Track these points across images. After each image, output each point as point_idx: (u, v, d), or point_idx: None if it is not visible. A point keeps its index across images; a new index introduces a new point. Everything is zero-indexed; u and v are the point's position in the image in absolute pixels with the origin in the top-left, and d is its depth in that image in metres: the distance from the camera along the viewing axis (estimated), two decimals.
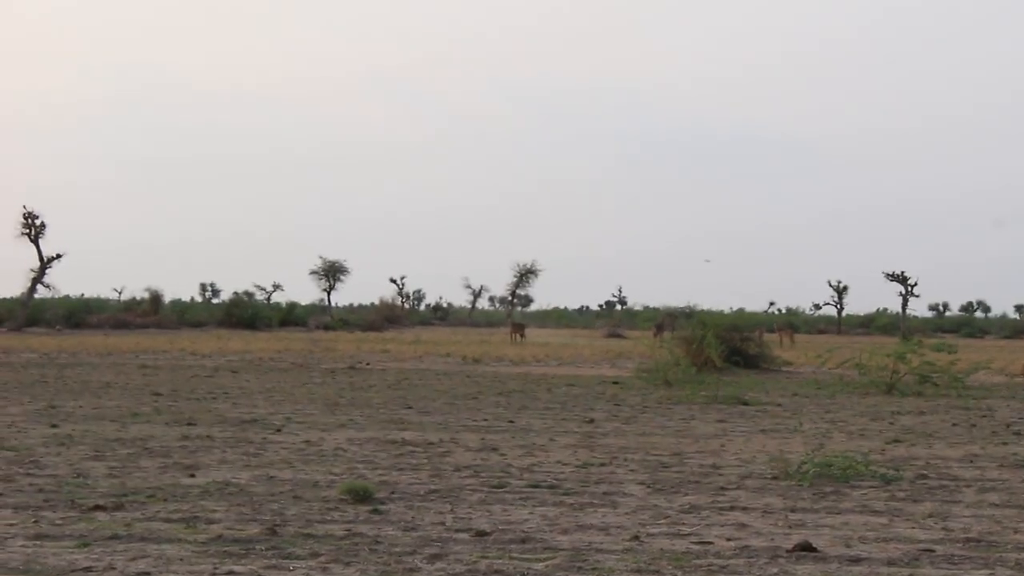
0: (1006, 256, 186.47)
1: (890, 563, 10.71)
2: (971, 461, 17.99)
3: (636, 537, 11.56)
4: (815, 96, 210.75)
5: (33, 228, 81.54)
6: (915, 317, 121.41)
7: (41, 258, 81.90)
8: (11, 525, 11.73)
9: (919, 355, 33.60)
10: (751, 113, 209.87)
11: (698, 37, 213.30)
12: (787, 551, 11.04)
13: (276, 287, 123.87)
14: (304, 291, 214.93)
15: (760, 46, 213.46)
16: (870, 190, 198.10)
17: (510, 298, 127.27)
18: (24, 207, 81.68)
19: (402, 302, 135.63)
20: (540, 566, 10.33)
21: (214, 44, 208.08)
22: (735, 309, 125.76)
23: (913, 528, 12.31)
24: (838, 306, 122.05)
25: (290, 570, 10.08)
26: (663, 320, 78.24)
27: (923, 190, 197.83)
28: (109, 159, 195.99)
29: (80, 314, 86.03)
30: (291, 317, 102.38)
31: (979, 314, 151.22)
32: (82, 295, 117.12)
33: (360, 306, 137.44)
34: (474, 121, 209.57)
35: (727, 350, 39.83)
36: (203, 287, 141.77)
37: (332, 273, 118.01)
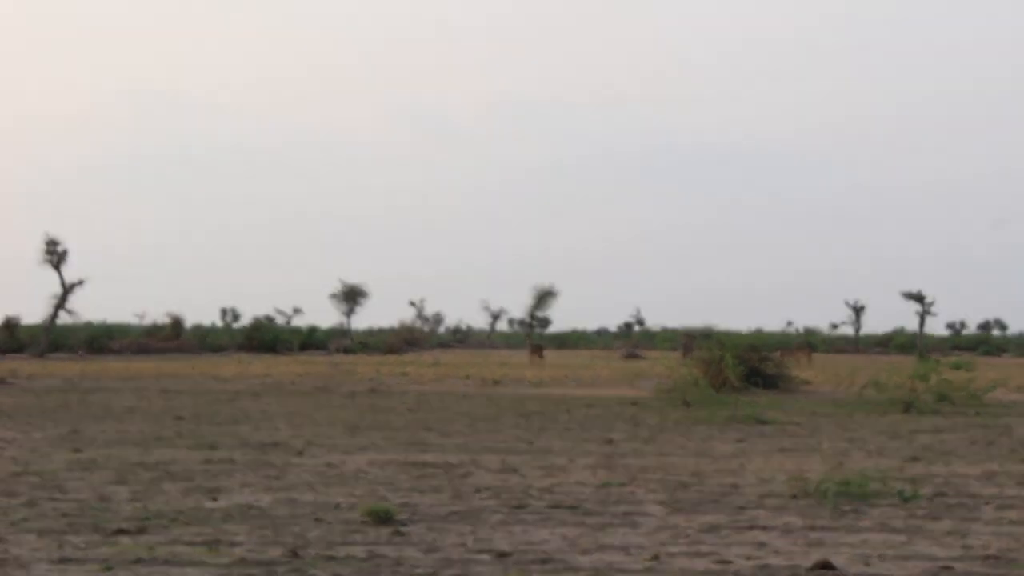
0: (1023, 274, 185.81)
1: None
2: (990, 478, 18.02)
3: (656, 557, 11.62)
4: (829, 117, 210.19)
5: (55, 255, 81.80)
6: (932, 336, 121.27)
7: (63, 284, 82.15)
8: (36, 549, 11.83)
9: (938, 374, 33.59)
10: (766, 135, 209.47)
11: (699, 57, 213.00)
12: (807, 570, 11.11)
13: (296, 311, 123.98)
14: (324, 315, 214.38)
15: (772, 66, 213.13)
16: (887, 210, 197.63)
17: (529, 320, 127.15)
18: (47, 234, 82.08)
19: (421, 325, 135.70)
20: None
21: (238, 70, 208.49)
22: (753, 329, 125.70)
23: (932, 546, 12.36)
24: (856, 325, 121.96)
25: None
26: (689, 340, 78.27)
27: (940, 210, 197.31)
28: (130, 184, 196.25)
29: (102, 339, 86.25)
30: (311, 341, 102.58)
31: (996, 332, 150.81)
32: (104, 321, 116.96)
33: (380, 329, 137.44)
34: (491, 144, 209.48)
35: (745, 370, 39.76)
36: (224, 311, 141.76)
37: (352, 296, 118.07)
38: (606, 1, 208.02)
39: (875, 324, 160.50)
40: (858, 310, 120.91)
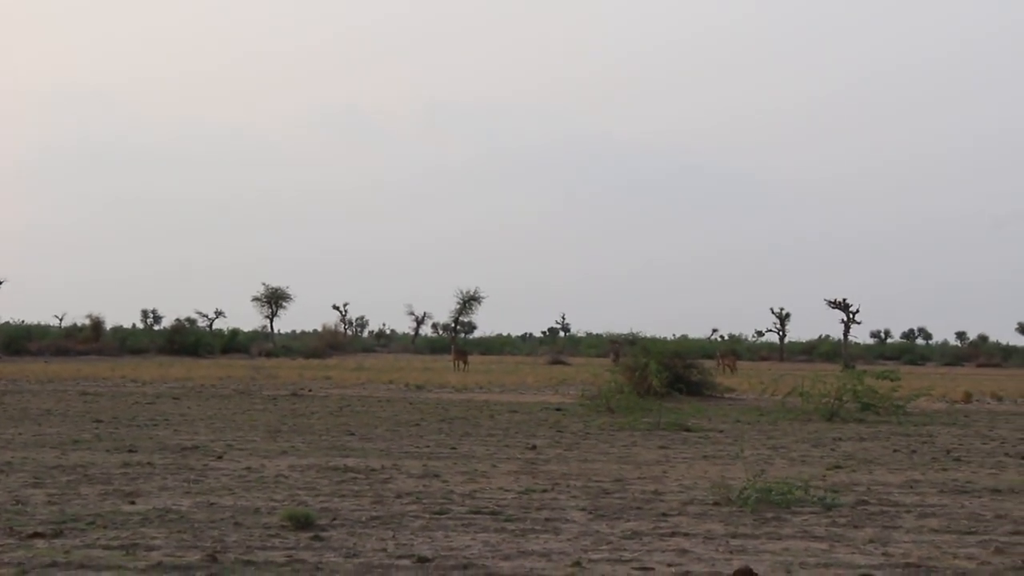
0: (947, 284, 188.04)
1: None
2: (911, 487, 18.10)
3: (578, 563, 11.57)
4: (754, 129, 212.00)
5: None
6: (857, 344, 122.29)
7: None
8: None
9: (862, 383, 33.75)
10: (692, 146, 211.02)
11: (642, 78, 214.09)
12: None
13: (218, 314, 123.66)
14: (246, 318, 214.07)
15: (697, 83, 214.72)
16: (812, 218, 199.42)
17: (453, 325, 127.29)
18: None
19: (345, 329, 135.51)
20: None
21: (162, 67, 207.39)
22: (678, 336, 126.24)
23: (853, 553, 12.38)
24: (780, 333, 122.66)
25: None
26: (618, 347, 78.47)
27: (865, 218, 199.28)
28: (49, 188, 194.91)
29: (20, 341, 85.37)
30: (233, 344, 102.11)
31: (920, 341, 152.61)
32: (22, 322, 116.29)
33: (303, 333, 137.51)
34: (418, 152, 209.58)
35: (670, 377, 39.82)
36: (145, 313, 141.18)
37: (275, 300, 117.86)
38: (525, 3, 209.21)
39: (800, 332, 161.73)
40: (783, 317, 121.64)
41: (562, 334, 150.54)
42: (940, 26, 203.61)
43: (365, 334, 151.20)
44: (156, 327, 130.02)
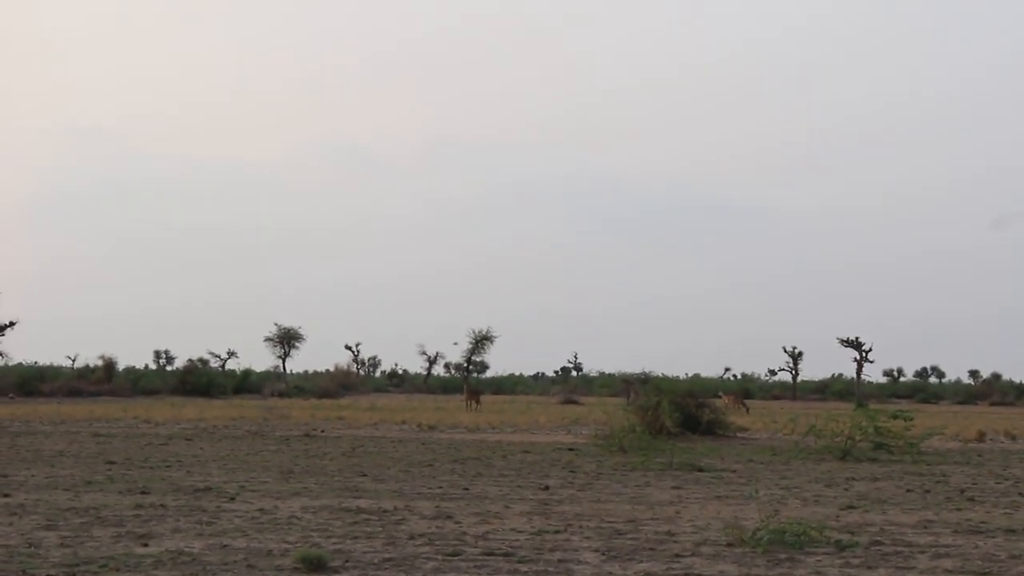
0: (960, 321, 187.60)
1: None
2: (925, 527, 18.05)
3: None
4: (766, 162, 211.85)
5: None
6: (869, 383, 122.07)
7: None
8: None
9: (876, 422, 33.70)
10: (701, 180, 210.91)
11: (650, 112, 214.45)
12: None
13: (231, 354, 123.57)
14: (259, 358, 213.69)
15: (705, 118, 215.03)
16: (824, 255, 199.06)
17: (465, 365, 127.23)
18: None
19: (357, 369, 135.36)
20: None
21: (157, 108, 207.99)
22: (690, 375, 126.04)
23: None
24: (793, 372, 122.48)
25: None
26: (632, 385, 78.23)
27: (877, 255, 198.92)
28: (60, 228, 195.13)
29: (33, 382, 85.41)
30: (246, 384, 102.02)
31: (933, 379, 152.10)
32: (35, 363, 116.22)
33: (315, 373, 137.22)
34: (428, 190, 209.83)
35: (682, 416, 39.81)
36: (157, 354, 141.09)
37: (287, 340, 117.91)
38: (519, 38, 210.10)
39: (813, 370, 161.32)
40: (795, 356, 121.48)
41: (574, 373, 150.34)
42: (958, 53, 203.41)
43: (377, 374, 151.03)
44: (168, 368, 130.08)
